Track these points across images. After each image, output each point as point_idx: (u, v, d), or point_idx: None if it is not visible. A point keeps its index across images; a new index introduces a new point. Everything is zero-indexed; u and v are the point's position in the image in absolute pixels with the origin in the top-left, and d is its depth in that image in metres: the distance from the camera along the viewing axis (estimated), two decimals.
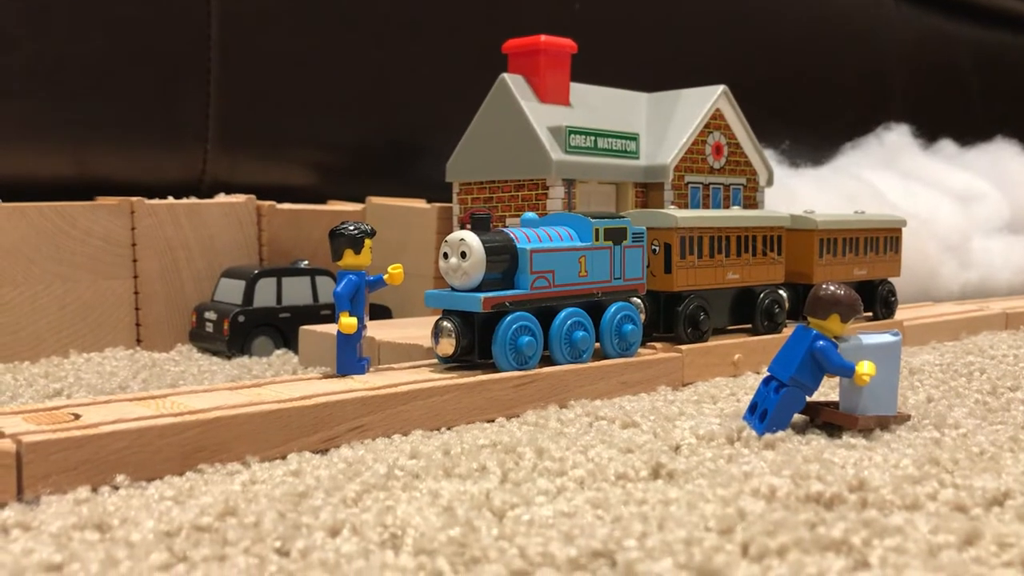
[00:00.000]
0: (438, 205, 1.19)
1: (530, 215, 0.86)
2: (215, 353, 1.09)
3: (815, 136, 1.79)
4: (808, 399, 0.70)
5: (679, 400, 0.81)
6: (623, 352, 0.85)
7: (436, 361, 0.81)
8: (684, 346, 0.91)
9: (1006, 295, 1.63)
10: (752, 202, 1.17)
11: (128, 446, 0.58)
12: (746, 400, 0.77)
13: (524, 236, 0.81)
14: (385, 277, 0.77)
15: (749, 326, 1.00)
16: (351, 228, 0.75)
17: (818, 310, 0.68)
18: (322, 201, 1.34)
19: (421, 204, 1.24)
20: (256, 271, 1.10)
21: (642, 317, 0.88)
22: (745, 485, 0.54)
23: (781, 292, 1.01)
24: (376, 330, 0.97)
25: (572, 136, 1.00)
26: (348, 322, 0.74)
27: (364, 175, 1.44)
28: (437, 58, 1.47)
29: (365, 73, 1.42)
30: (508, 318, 0.77)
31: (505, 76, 1.04)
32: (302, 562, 0.44)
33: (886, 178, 1.65)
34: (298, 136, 1.40)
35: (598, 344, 0.84)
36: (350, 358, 0.76)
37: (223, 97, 1.30)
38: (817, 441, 0.65)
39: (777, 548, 0.44)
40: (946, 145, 1.96)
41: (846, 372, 0.67)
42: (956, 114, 2.27)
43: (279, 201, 1.24)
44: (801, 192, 1.44)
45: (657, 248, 0.92)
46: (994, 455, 0.61)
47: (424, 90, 1.47)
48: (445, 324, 0.78)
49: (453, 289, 0.79)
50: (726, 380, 0.91)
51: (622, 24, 1.68)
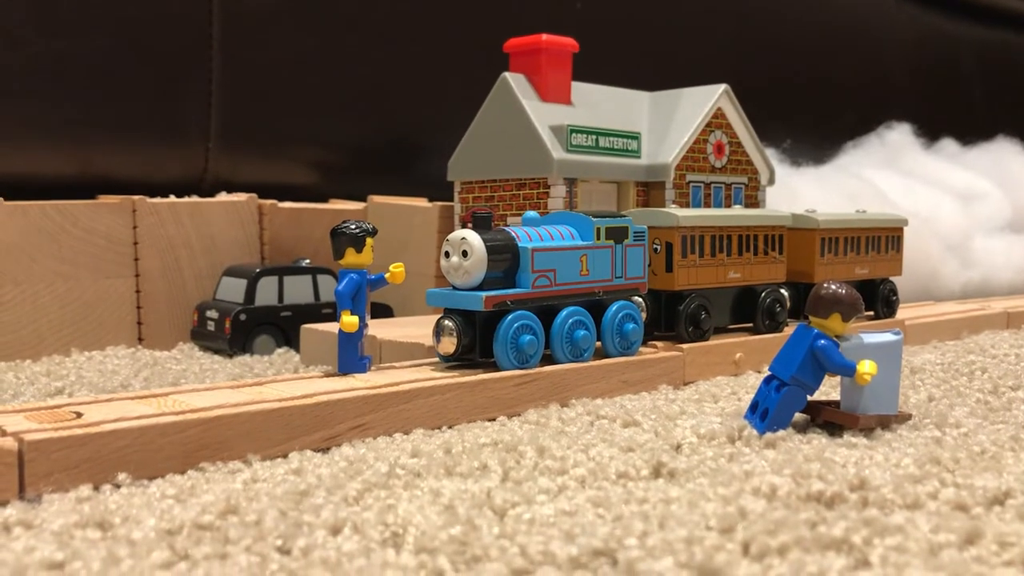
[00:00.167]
0: (440, 204, 1.19)
1: (531, 214, 0.86)
2: (217, 352, 1.09)
3: (816, 135, 1.79)
4: (809, 398, 0.70)
5: (680, 399, 0.81)
6: (624, 351, 0.85)
7: (437, 360, 0.81)
8: (685, 345, 0.91)
9: (1007, 294, 1.63)
10: (753, 201, 1.17)
11: (130, 444, 0.58)
12: (747, 399, 0.77)
13: (525, 235, 0.81)
14: (387, 276, 0.78)
15: (750, 325, 1.00)
16: (353, 227, 0.75)
17: (819, 309, 0.68)
18: (324, 200, 1.34)
19: (423, 203, 1.24)
20: (258, 270, 1.10)
21: (643, 316, 0.88)
22: (746, 484, 0.54)
23: (782, 291, 1.02)
24: (377, 329, 0.97)
25: (573, 135, 1.00)
26: (349, 321, 0.74)
27: (366, 174, 1.44)
28: (439, 57, 1.47)
29: (367, 72, 1.42)
30: (509, 317, 0.77)
31: (507, 75, 1.04)
32: (303, 560, 0.44)
33: (888, 177, 1.65)
34: (300, 135, 1.40)
35: (599, 343, 0.85)
36: (351, 357, 0.76)
37: (225, 96, 1.30)
38: (818, 440, 0.65)
39: (778, 547, 0.44)
40: (947, 144, 1.96)
41: (847, 371, 0.67)
42: (958, 113, 2.27)
43: (281, 200, 1.24)
44: (803, 191, 1.44)
45: (658, 247, 0.92)
46: (995, 454, 0.61)
47: (426, 89, 1.47)
48: (446, 323, 0.78)
49: (454, 288, 0.79)
50: (727, 379, 0.91)
51: (623, 23, 1.68)
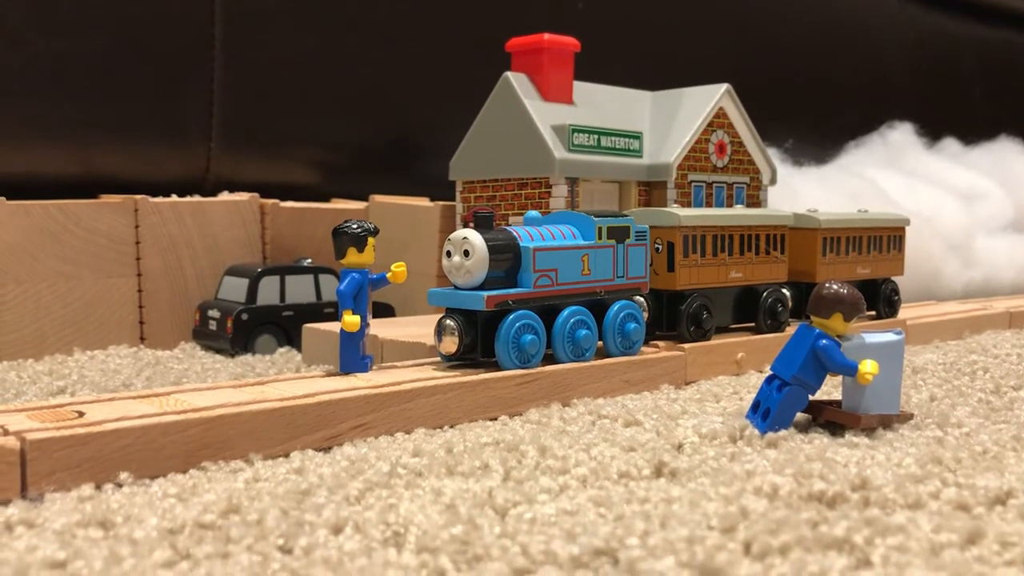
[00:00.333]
0: (441, 203, 1.19)
1: (533, 213, 0.86)
2: (218, 351, 1.09)
3: (818, 135, 1.79)
4: (811, 398, 0.70)
5: (682, 399, 0.81)
6: (626, 351, 0.85)
7: (439, 359, 0.81)
8: (687, 345, 0.91)
9: (1010, 294, 1.63)
10: (755, 201, 1.17)
11: (132, 444, 0.58)
12: (749, 399, 0.77)
13: (527, 234, 0.81)
14: (388, 275, 0.78)
15: (752, 325, 1.00)
16: (354, 226, 0.75)
17: (821, 309, 0.68)
18: (325, 199, 1.34)
19: (424, 202, 1.24)
20: (259, 269, 1.10)
21: (645, 316, 0.88)
22: (747, 484, 0.54)
23: (784, 291, 1.01)
24: (379, 328, 0.97)
25: (575, 134, 1.00)
26: (351, 320, 0.74)
27: (367, 173, 1.44)
28: (440, 56, 1.47)
29: (368, 71, 1.42)
30: (511, 316, 0.77)
31: (508, 74, 1.04)
32: (305, 560, 0.44)
33: (889, 177, 1.65)
34: (301, 134, 1.40)
35: (601, 343, 0.85)
36: (353, 356, 0.76)
37: (227, 95, 1.30)
38: (820, 440, 0.65)
39: (779, 547, 0.44)
40: (950, 144, 1.96)
41: (849, 371, 0.67)
42: (960, 113, 2.27)
43: (282, 199, 1.24)
44: (804, 191, 1.44)
45: (660, 247, 0.92)
46: (997, 454, 0.61)
47: (427, 88, 1.47)
48: (448, 322, 0.78)
49: (456, 287, 0.79)
50: (729, 379, 0.91)
51: (625, 23, 1.68)
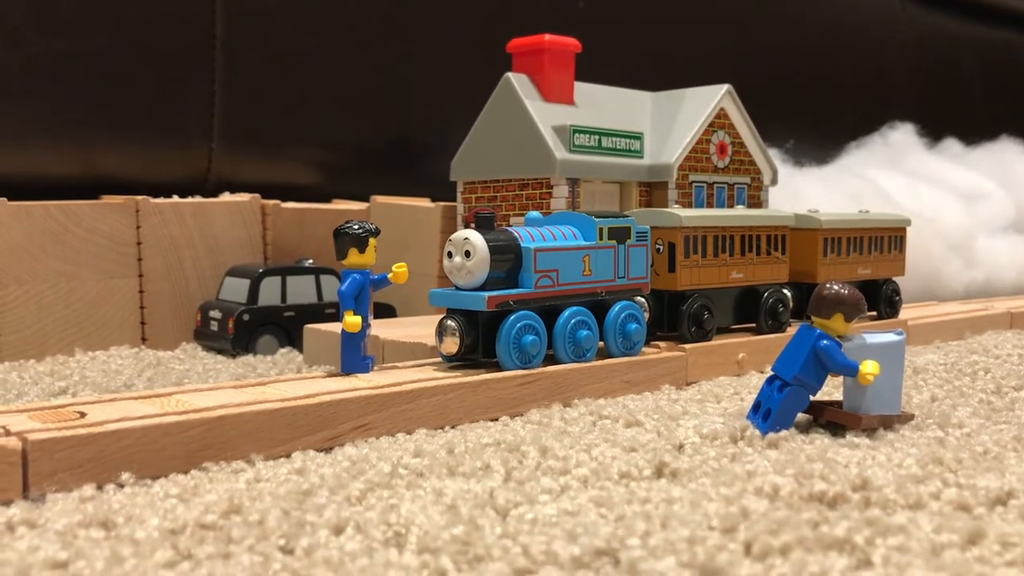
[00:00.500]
0: (442, 204, 1.19)
1: (534, 214, 0.86)
2: (220, 351, 1.09)
3: (819, 135, 1.79)
4: (812, 398, 0.70)
5: (683, 399, 0.81)
6: (627, 351, 0.85)
7: (440, 360, 0.81)
8: (688, 345, 0.91)
9: (1011, 294, 1.63)
10: (756, 201, 1.17)
11: (133, 444, 0.58)
12: (750, 399, 0.77)
13: (528, 235, 0.81)
14: (389, 276, 0.78)
15: (753, 325, 1.00)
16: (355, 227, 0.75)
17: (822, 309, 0.68)
18: (326, 200, 1.34)
19: (425, 203, 1.24)
20: (261, 270, 1.10)
21: (646, 316, 0.88)
22: (748, 484, 0.54)
23: (785, 291, 1.01)
24: (380, 329, 0.97)
25: (576, 135, 1.00)
26: (352, 321, 0.74)
27: (368, 174, 1.44)
28: (441, 57, 1.47)
29: (369, 72, 1.42)
30: (512, 317, 0.77)
31: (509, 75, 1.04)
32: (306, 560, 0.44)
33: (891, 177, 1.65)
34: (303, 135, 1.40)
35: (602, 343, 0.85)
36: (354, 357, 0.76)
37: (228, 96, 1.30)
38: (820, 440, 0.65)
39: (780, 547, 0.44)
40: (951, 144, 1.96)
41: (850, 371, 0.67)
42: (961, 113, 2.27)
43: (284, 200, 1.24)
44: (805, 191, 1.44)
45: (661, 247, 0.92)
46: (998, 455, 0.61)
47: (428, 89, 1.47)
48: (449, 323, 0.78)
49: (457, 288, 0.79)
50: (730, 379, 0.91)
51: (626, 23, 1.68)
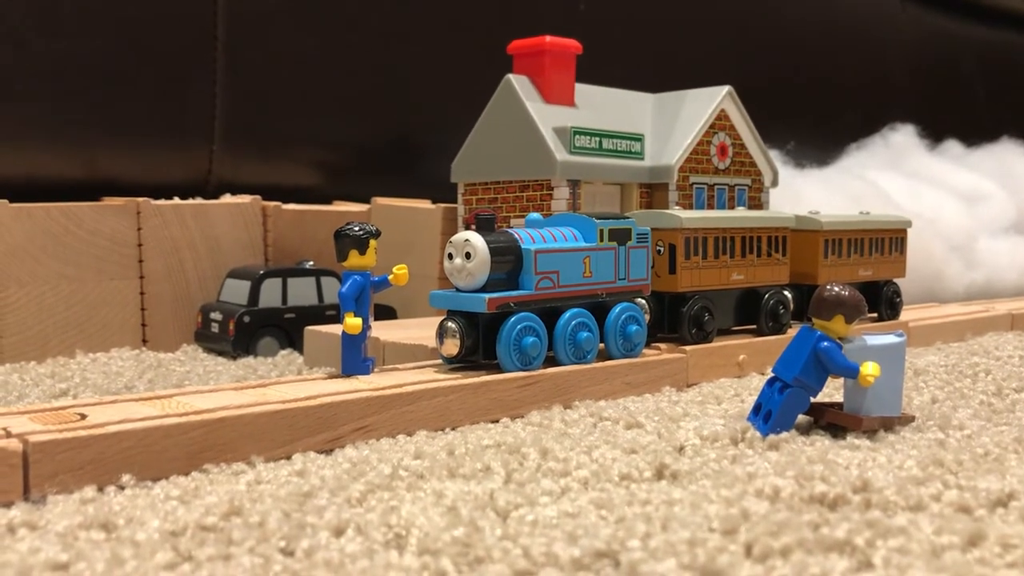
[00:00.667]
0: (443, 206, 1.19)
1: (535, 216, 0.87)
2: (220, 353, 1.09)
3: (820, 137, 1.79)
4: (812, 400, 0.70)
5: (683, 401, 0.81)
6: (627, 353, 0.85)
7: (440, 362, 0.81)
8: (688, 347, 0.91)
9: (1012, 296, 1.63)
10: (757, 203, 1.17)
11: (134, 446, 0.58)
12: (750, 401, 0.77)
13: (529, 237, 0.81)
14: (390, 278, 0.78)
15: (754, 327, 1.00)
16: (356, 229, 0.75)
17: (822, 311, 0.68)
18: (327, 202, 1.34)
19: (426, 205, 1.24)
20: (261, 271, 1.10)
21: (647, 318, 0.88)
22: (749, 486, 0.54)
23: (786, 293, 1.01)
24: (381, 330, 0.97)
25: (577, 137, 1.00)
26: (353, 322, 0.74)
27: (369, 176, 1.44)
28: (442, 59, 1.47)
29: (370, 73, 1.42)
30: (512, 319, 0.77)
31: (510, 77, 1.04)
32: (307, 562, 0.44)
33: (891, 179, 1.65)
34: (303, 137, 1.40)
35: (602, 345, 0.85)
36: (355, 358, 0.76)
37: (229, 97, 1.30)
38: (821, 442, 0.65)
39: (781, 549, 0.44)
40: (952, 146, 1.96)
41: (850, 373, 0.67)
42: (962, 114, 2.27)
43: (284, 202, 1.24)
44: (806, 193, 1.44)
45: (662, 249, 0.92)
46: (999, 456, 0.61)
47: (429, 91, 1.47)
48: (450, 325, 0.78)
49: (458, 290, 0.79)
50: (730, 381, 0.91)
51: (627, 25, 1.68)
